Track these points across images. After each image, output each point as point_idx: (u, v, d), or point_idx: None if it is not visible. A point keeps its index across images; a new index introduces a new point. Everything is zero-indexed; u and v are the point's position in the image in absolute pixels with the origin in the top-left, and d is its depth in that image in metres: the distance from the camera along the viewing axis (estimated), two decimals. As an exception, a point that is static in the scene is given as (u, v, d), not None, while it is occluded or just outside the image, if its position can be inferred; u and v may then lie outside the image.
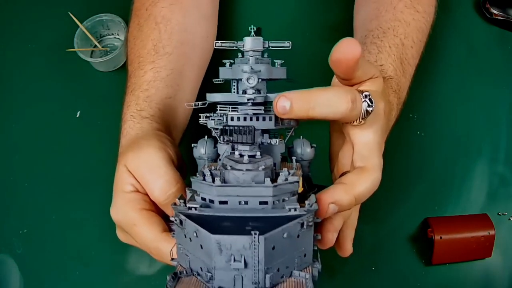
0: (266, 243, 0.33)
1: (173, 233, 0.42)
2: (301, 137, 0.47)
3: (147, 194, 0.48)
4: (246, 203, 0.37)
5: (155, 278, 0.67)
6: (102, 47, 0.81)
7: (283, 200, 0.38)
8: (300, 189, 0.40)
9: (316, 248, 0.39)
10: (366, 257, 0.68)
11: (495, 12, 0.81)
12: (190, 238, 0.36)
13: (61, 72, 0.80)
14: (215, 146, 0.45)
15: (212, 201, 0.38)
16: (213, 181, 0.37)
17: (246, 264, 0.34)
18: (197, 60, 0.65)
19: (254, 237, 0.33)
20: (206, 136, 0.45)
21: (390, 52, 0.58)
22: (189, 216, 0.36)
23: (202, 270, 0.36)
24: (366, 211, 0.51)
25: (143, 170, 0.47)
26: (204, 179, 0.38)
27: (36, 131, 0.77)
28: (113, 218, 0.48)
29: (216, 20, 0.72)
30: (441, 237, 0.66)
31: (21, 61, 0.82)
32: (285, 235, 0.35)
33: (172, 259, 0.41)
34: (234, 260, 0.34)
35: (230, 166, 0.38)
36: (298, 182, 0.39)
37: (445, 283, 0.68)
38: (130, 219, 0.47)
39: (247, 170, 0.37)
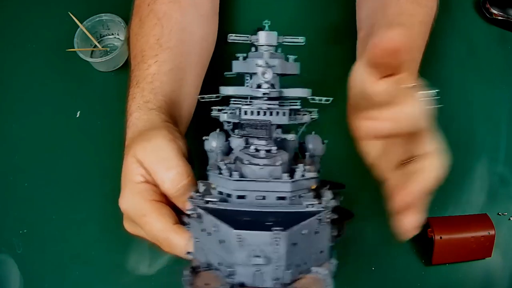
0: (287, 240, 0.33)
1: (188, 226, 0.41)
2: (313, 132, 0.46)
3: (157, 185, 0.47)
4: (263, 198, 0.37)
5: (155, 278, 0.66)
6: (102, 47, 0.81)
7: (300, 196, 0.38)
8: (313, 186, 0.40)
9: (332, 245, 0.39)
10: (366, 257, 0.68)
11: (495, 12, 0.81)
12: (208, 233, 0.36)
13: (61, 72, 0.80)
14: (226, 140, 0.45)
15: (229, 195, 0.38)
16: (230, 175, 0.37)
17: (267, 260, 0.34)
18: (196, 58, 0.65)
19: (276, 234, 0.33)
20: (218, 129, 0.45)
21: None
22: (208, 210, 0.36)
23: (220, 265, 0.36)
24: (366, 211, 0.51)
25: (154, 160, 0.47)
26: (220, 173, 0.38)
27: (36, 131, 0.77)
28: (122, 208, 0.48)
29: (216, 20, 0.71)
30: (441, 237, 0.66)
31: (21, 61, 0.82)
32: (304, 232, 0.35)
33: (188, 252, 0.41)
34: (255, 255, 0.34)
35: (247, 161, 0.38)
36: (315, 178, 0.39)
37: (445, 283, 0.68)
38: (140, 209, 0.46)
39: (264, 165, 0.37)
